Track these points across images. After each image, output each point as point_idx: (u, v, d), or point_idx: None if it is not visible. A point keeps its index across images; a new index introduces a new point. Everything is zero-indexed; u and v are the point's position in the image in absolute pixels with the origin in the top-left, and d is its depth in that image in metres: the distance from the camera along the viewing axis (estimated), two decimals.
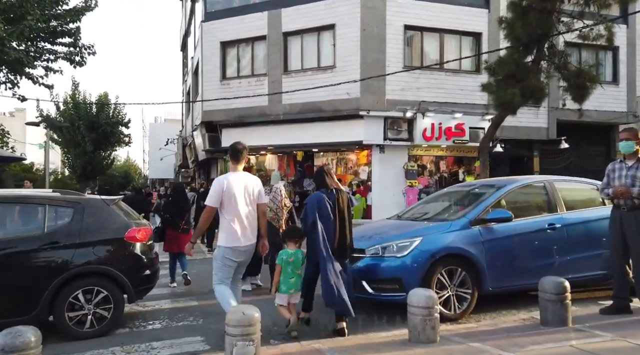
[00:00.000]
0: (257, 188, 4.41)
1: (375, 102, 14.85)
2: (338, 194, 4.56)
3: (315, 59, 15.72)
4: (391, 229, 5.28)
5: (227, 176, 4.41)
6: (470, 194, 5.83)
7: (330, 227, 4.42)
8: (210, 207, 4.27)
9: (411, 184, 15.56)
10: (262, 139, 16.30)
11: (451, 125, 15.37)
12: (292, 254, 4.50)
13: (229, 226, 4.25)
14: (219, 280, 4.30)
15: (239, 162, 4.47)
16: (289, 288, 4.41)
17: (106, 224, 4.81)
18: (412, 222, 5.42)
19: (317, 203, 4.49)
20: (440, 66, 15.51)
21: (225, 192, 4.22)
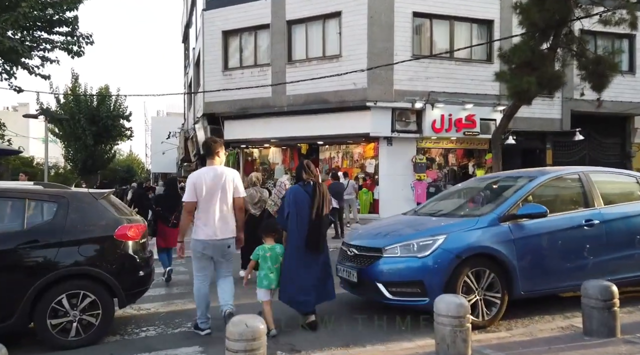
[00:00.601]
0: (232, 182, 4.38)
1: (383, 92, 14.30)
2: (315, 187, 4.58)
3: (320, 48, 15.15)
4: (410, 226, 4.76)
5: (200, 171, 4.45)
6: (495, 187, 5.31)
7: (305, 220, 4.45)
8: (186, 203, 4.33)
9: (420, 177, 15.04)
10: (265, 131, 15.81)
11: (461, 117, 14.81)
12: (269, 248, 4.47)
13: (200, 220, 4.32)
14: (195, 272, 4.45)
15: (212, 156, 4.45)
16: (270, 283, 4.38)
17: (94, 221, 4.31)
18: (432, 218, 4.90)
19: (293, 196, 4.54)
20: (450, 55, 14.91)
21: (197, 187, 4.28)
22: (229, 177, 4.39)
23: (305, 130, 15.14)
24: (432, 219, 4.85)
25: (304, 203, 4.49)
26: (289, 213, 4.50)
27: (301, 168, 4.71)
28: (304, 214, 4.47)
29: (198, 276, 4.39)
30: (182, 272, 7.80)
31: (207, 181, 4.28)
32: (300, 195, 4.54)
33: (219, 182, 4.31)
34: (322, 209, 4.52)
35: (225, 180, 4.33)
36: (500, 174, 5.85)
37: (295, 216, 4.47)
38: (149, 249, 4.91)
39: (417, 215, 5.40)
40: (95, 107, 27.61)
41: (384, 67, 13.83)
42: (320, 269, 4.50)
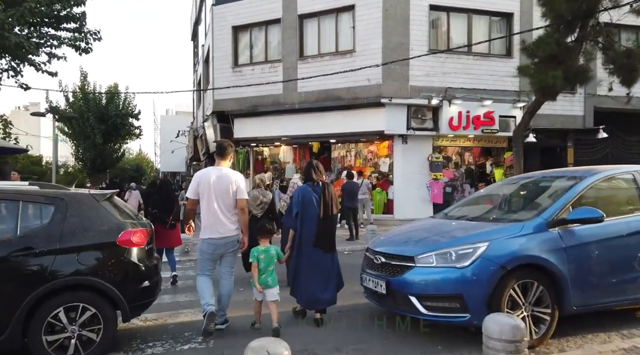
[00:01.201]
0: (235, 184, 4.46)
1: (398, 88, 13.79)
2: (324, 187, 4.66)
3: (333, 43, 14.67)
4: (444, 231, 4.28)
5: (206, 170, 4.58)
6: (535, 188, 4.80)
7: (314, 220, 4.53)
8: (189, 200, 4.49)
9: (436, 176, 14.51)
10: (276, 129, 15.38)
11: (480, 114, 14.25)
12: (264, 250, 4.51)
13: (203, 219, 4.43)
14: (199, 270, 4.55)
15: (223, 158, 4.58)
16: (261, 283, 4.46)
17: (94, 225, 3.89)
18: (470, 223, 4.40)
19: (302, 196, 4.60)
20: (468, 49, 14.36)
21: (200, 186, 4.38)
22: (233, 178, 4.48)
23: (317, 128, 14.69)
24: (469, 224, 4.36)
25: (312, 203, 4.53)
26: (297, 213, 4.55)
27: (311, 168, 4.74)
28: (312, 214, 4.52)
29: (202, 274, 4.51)
30: (192, 276, 7.39)
31: (210, 181, 4.37)
32: (308, 196, 4.57)
33: (224, 183, 4.40)
34: (331, 210, 4.60)
35: (229, 182, 4.42)
36: (536, 174, 5.33)
37: (304, 216, 4.52)
38: (156, 256, 4.48)
39: (448, 218, 4.91)
40: (104, 105, 27.42)
41: (399, 63, 13.33)
42: (329, 269, 4.61)
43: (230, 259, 4.57)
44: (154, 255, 4.42)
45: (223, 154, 4.57)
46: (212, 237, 4.37)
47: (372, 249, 4.54)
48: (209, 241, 4.40)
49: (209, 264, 4.48)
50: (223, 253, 4.47)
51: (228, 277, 4.58)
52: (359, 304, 5.34)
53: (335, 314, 5.04)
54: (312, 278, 4.52)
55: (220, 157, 4.57)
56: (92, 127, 26.70)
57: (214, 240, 4.37)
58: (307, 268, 4.53)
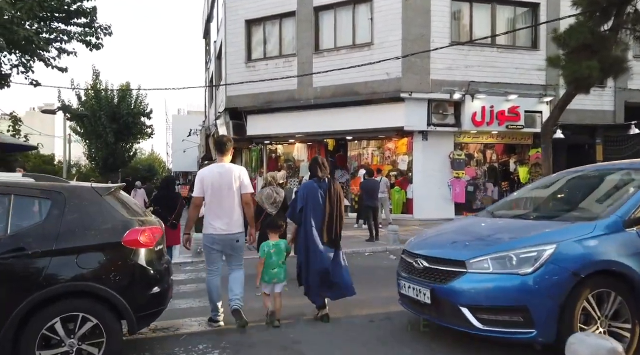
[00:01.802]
0: (239, 179, 4.49)
1: (418, 82, 13.18)
2: (330, 183, 4.68)
3: (350, 36, 14.12)
4: (497, 231, 3.70)
5: (209, 167, 4.62)
6: (599, 182, 4.20)
7: (320, 216, 4.55)
8: (195, 197, 4.50)
9: (458, 174, 13.87)
10: (290, 126, 14.87)
11: (504, 109, 13.58)
12: (274, 244, 4.57)
13: (207, 215, 4.47)
14: (207, 267, 4.66)
15: (224, 154, 4.60)
16: (271, 278, 4.49)
17: (96, 223, 3.39)
18: (528, 221, 3.81)
19: (307, 192, 4.61)
20: (491, 41, 13.71)
21: (204, 183, 4.42)
22: (236, 173, 4.49)
23: (333, 125, 14.15)
24: (527, 223, 3.76)
25: (318, 199, 4.55)
26: (302, 208, 4.57)
27: (316, 164, 4.74)
28: (318, 209, 4.53)
29: (209, 270, 4.58)
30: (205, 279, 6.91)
31: (215, 177, 4.40)
32: (314, 191, 4.59)
33: (227, 178, 4.41)
34: (337, 206, 4.61)
35: (233, 177, 4.43)
36: (588, 167, 4.72)
37: (309, 212, 4.53)
38: (166, 258, 3.97)
39: (495, 216, 4.32)
40: (116, 104, 27.21)
41: (419, 55, 12.73)
42: (335, 264, 4.60)
43: (235, 257, 4.60)
44: (165, 256, 3.92)
45: (223, 150, 4.59)
46: (215, 233, 4.42)
47: (410, 252, 3.98)
48: (211, 236, 4.46)
49: (212, 258, 4.54)
50: (223, 249, 4.50)
51: (236, 271, 4.60)
52: (392, 312, 4.79)
53: (367, 324, 4.50)
54: (320, 275, 4.52)
55: (220, 154, 4.58)
56: (104, 126, 26.49)
57: (216, 236, 4.42)
58: (314, 265, 4.52)
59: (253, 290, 5.12)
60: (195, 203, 4.51)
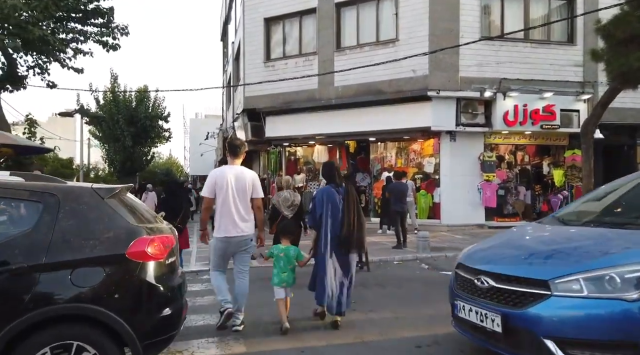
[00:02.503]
0: (251, 182, 4.49)
1: (447, 80, 12.47)
2: (348, 189, 4.71)
3: (373, 32, 13.50)
4: (584, 242, 3.01)
5: (221, 168, 4.60)
6: None
7: (338, 222, 4.54)
8: (205, 198, 4.50)
9: (488, 178, 13.06)
10: (310, 127, 14.30)
11: (539, 107, 12.75)
12: (283, 249, 4.59)
13: (218, 217, 4.44)
14: (213, 267, 4.63)
15: (237, 156, 4.62)
16: (280, 281, 4.51)
17: (96, 231, 2.82)
18: (621, 231, 3.09)
19: (326, 197, 4.60)
20: (524, 36, 12.93)
21: (217, 184, 4.39)
22: (249, 177, 4.52)
23: (355, 125, 13.52)
24: (621, 232, 3.05)
25: (336, 204, 4.56)
26: (321, 214, 4.57)
27: (334, 170, 4.82)
28: (336, 215, 4.54)
29: (215, 271, 4.57)
30: None
31: (229, 179, 4.38)
32: (332, 197, 4.59)
33: (240, 182, 4.42)
34: (355, 211, 4.59)
35: (246, 181, 4.44)
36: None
37: (327, 218, 4.53)
38: (180, 272, 3.38)
39: (566, 224, 3.61)
40: (134, 107, 27.11)
41: (448, 51, 12.02)
42: (350, 271, 4.63)
43: (244, 257, 4.58)
44: (178, 271, 3.33)
45: (237, 153, 4.60)
46: (226, 236, 4.39)
47: (469, 267, 3.30)
48: (222, 239, 4.41)
49: (222, 262, 4.54)
50: (235, 251, 4.49)
51: (243, 276, 4.58)
52: (439, 335, 4.13)
53: (413, 350, 3.83)
54: (335, 280, 4.51)
55: (234, 156, 4.59)
56: (122, 129, 26.39)
57: (228, 238, 4.39)
58: (331, 270, 4.50)
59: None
60: (207, 204, 4.50)
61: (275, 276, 4.52)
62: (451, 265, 8.23)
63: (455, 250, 9.73)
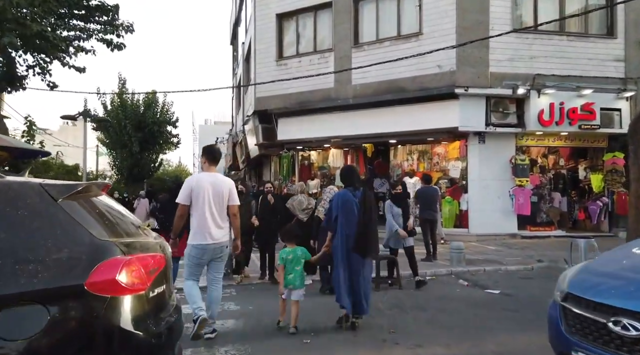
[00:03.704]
0: (227, 190, 4.48)
1: (476, 76, 11.45)
2: (364, 193, 4.74)
3: (394, 26, 12.55)
4: None
5: (198, 175, 4.64)
6: None
7: (353, 225, 4.56)
8: (180, 205, 4.41)
9: (521, 182, 11.95)
10: (325, 129, 13.34)
11: (576, 106, 11.66)
12: (291, 251, 4.70)
13: (194, 225, 4.40)
14: (187, 275, 4.54)
15: (215, 163, 4.64)
16: (287, 283, 4.62)
17: (38, 249, 1.83)
18: None
19: (342, 201, 4.66)
20: (560, 28, 11.90)
21: (193, 191, 4.36)
22: (226, 185, 4.51)
23: (375, 127, 12.54)
24: None
25: (352, 208, 4.58)
26: (337, 217, 4.62)
27: (353, 173, 4.97)
28: (352, 219, 4.56)
29: (190, 279, 4.50)
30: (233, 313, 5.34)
31: (206, 187, 4.36)
32: (349, 201, 4.62)
33: (217, 189, 4.41)
34: (371, 215, 4.61)
35: (223, 188, 4.45)
36: None
37: (344, 222, 4.57)
38: (173, 305, 2.38)
39: None
40: (142, 113, 26.43)
41: (477, 45, 11.04)
42: (367, 275, 4.71)
43: (218, 265, 4.57)
44: (170, 304, 2.33)
45: (217, 159, 4.66)
46: (201, 243, 4.35)
47: (594, 301, 2.25)
48: (197, 247, 4.37)
49: (197, 270, 4.50)
50: (211, 258, 4.47)
51: (217, 284, 4.56)
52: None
53: None
54: (354, 284, 4.56)
55: (213, 162, 4.60)
56: (129, 135, 25.71)
57: (203, 246, 4.36)
58: (350, 274, 4.56)
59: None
60: (182, 211, 4.36)
61: (284, 278, 4.65)
62: (494, 282, 7.31)
63: (493, 263, 8.64)
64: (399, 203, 6.91)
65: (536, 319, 4.91)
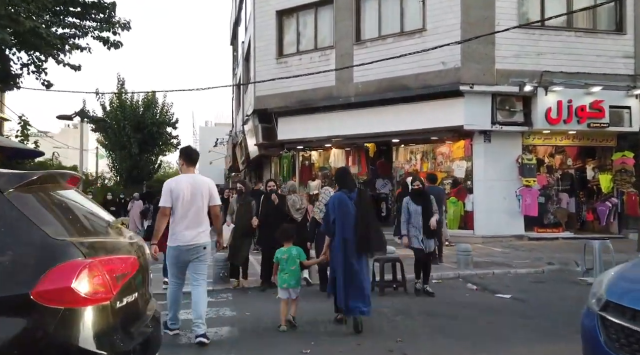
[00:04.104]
0: (206, 190, 4.44)
1: (481, 73, 11.11)
2: (360, 193, 4.76)
3: (397, 22, 12.22)
4: None
5: (177, 177, 4.57)
6: None
7: (350, 226, 4.54)
8: (162, 208, 4.37)
9: (528, 183, 11.59)
10: (326, 128, 13.00)
11: (585, 104, 11.30)
12: (286, 251, 4.74)
13: (173, 226, 4.38)
14: (169, 276, 4.59)
15: (194, 164, 4.62)
16: (282, 282, 4.65)
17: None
18: None
19: (339, 203, 4.64)
20: (567, 24, 11.57)
21: (173, 193, 4.34)
22: (206, 185, 4.48)
23: (377, 126, 12.21)
24: None
25: (349, 209, 4.58)
26: (334, 219, 4.61)
27: (347, 175, 5.00)
28: (350, 220, 4.55)
29: (173, 281, 4.51)
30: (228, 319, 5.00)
31: (185, 188, 4.35)
32: (344, 202, 4.62)
33: (199, 190, 4.39)
34: (368, 215, 4.63)
35: (203, 189, 4.42)
36: None
37: (341, 223, 4.56)
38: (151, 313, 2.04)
39: None
40: (141, 113, 26.12)
41: (482, 42, 10.71)
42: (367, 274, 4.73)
43: (199, 266, 4.46)
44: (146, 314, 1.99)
45: (195, 161, 4.62)
46: (179, 245, 4.33)
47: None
48: (176, 248, 4.35)
49: (177, 271, 4.46)
50: (190, 259, 4.40)
51: (198, 284, 4.44)
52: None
53: None
54: (353, 285, 4.52)
55: (190, 164, 4.57)
56: (128, 136, 25.40)
57: (180, 247, 4.34)
58: (349, 275, 4.53)
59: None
60: (163, 214, 4.33)
61: (278, 278, 4.68)
62: (505, 286, 6.94)
63: (501, 266, 8.28)
64: (418, 199, 6.26)
65: (553, 327, 4.56)
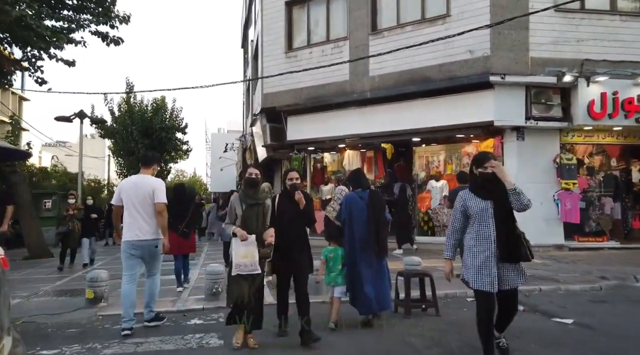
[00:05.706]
0: (151, 189, 4.73)
1: (514, 61, 9.90)
2: (372, 194, 4.84)
3: (417, 8, 11.10)
4: None
5: (128, 178, 5.16)
6: None
7: (363, 227, 4.61)
8: (114, 206, 4.93)
9: (568, 185, 10.26)
10: (340, 127, 11.92)
11: (633, 96, 9.99)
12: (332, 250, 4.83)
13: (127, 223, 4.76)
14: (123, 271, 4.81)
15: (147, 167, 4.94)
16: (329, 281, 4.79)
17: None
18: None
19: (350, 204, 4.74)
20: (611, 6, 10.30)
21: (121, 192, 4.77)
22: (152, 184, 4.77)
23: (395, 124, 11.07)
24: None
25: (361, 210, 4.63)
26: (344, 220, 4.74)
27: (360, 176, 5.08)
28: (362, 221, 4.61)
29: (125, 275, 4.75)
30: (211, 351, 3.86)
31: (129, 187, 4.75)
32: (356, 203, 4.70)
33: (141, 189, 4.72)
34: (380, 216, 4.70)
35: (146, 188, 4.72)
36: None
37: (354, 224, 4.64)
38: None
39: None
40: (149, 118, 25.41)
41: (514, 27, 9.54)
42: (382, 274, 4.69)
43: (151, 262, 4.82)
44: None
45: (147, 163, 4.96)
46: (128, 240, 4.68)
47: None
48: (125, 243, 4.70)
49: (129, 264, 4.70)
50: (141, 255, 4.73)
51: (150, 276, 4.87)
52: None
53: None
54: (368, 285, 4.54)
55: (144, 166, 4.93)
56: (136, 141, 24.66)
57: (129, 242, 4.68)
58: (363, 275, 4.56)
59: None
60: (115, 211, 4.83)
61: (326, 276, 4.79)
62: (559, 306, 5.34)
63: (547, 281, 6.97)
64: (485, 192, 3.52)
65: None
